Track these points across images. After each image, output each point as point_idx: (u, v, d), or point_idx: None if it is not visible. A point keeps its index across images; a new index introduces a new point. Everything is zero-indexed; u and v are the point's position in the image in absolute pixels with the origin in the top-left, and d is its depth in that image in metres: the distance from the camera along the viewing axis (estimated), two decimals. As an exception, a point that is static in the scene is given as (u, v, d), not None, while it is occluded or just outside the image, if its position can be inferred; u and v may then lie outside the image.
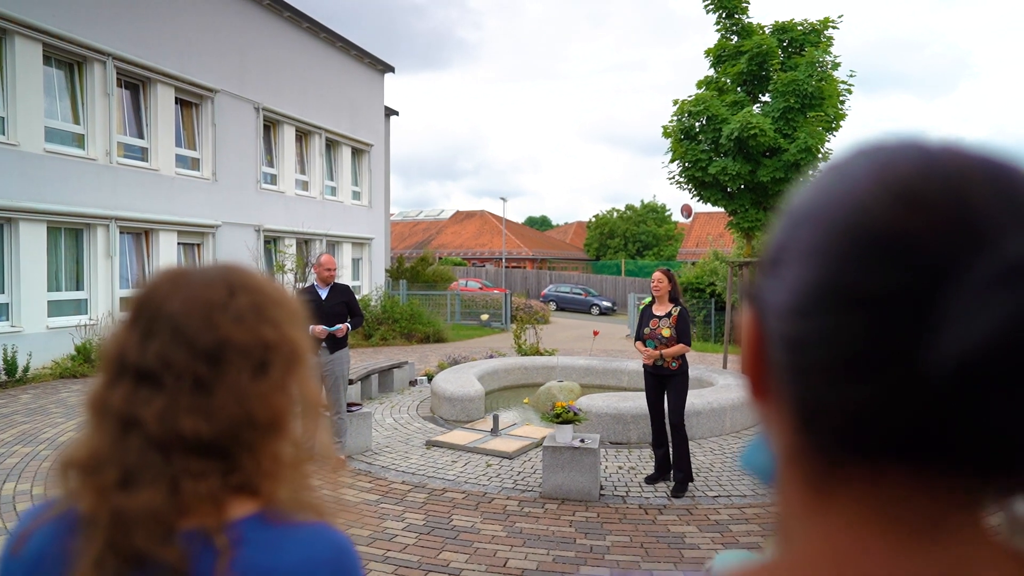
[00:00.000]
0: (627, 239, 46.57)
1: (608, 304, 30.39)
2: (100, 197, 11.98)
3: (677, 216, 43.90)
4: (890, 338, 0.34)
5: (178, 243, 13.80)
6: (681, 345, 5.36)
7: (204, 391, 0.72)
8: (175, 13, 13.51)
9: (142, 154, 13.17)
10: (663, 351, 5.36)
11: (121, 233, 12.63)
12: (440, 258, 35.50)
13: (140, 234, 13.21)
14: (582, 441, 5.39)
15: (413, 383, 10.05)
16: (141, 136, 13.19)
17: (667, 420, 5.50)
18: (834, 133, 9.61)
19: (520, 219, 72.01)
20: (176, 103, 13.89)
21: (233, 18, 15.09)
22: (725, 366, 10.43)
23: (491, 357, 11.15)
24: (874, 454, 0.36)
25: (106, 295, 12.16)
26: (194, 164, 14.48)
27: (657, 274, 5.60)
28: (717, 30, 10.27)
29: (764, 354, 0.41)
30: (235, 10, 15.14)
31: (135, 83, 13.09)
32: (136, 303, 0.78)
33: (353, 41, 19.32)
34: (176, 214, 13.56)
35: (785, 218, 0.41)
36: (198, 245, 14.52)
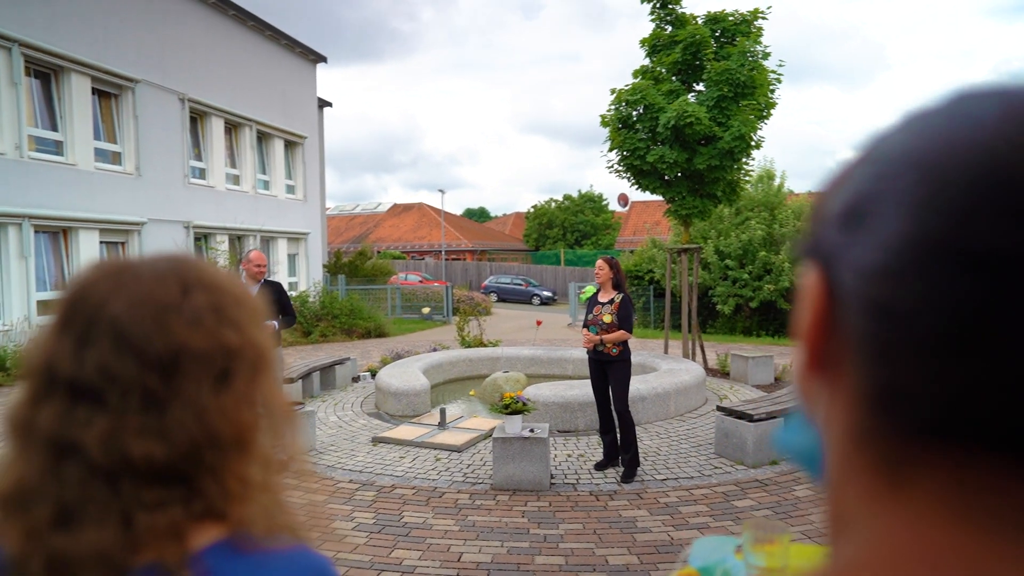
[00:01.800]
0: (566, 229, 46.97)
1: (549, 294, 30.62)
2: (10, 194, 11.23)
3: (614, 205, 44.56)
4: (1016, 307, 0.29)
5: (100, 242, 13.09)
6: (621, 332, 5.41)
7: (156, 408, 0.62)
8: (89, -2, 12.76)
9: (57, 148, 12.42)
10: (603, 336, 5.42)
11: (36, 232, 11.90)
12: (379, 252, 35.00)
13: (57, 233, 12.47)
14: (531, 431, 5.38)
15: (356, 379, 9.85)
16: (55, 129, 12.43)
17: (612, 408, 5.55)
18: (765, 121, 9.86)
19: (459, 211, 71.74)
20: (93, 94, 13.14)
21: (153, 4, 14.36)
22: (667, 351, 10.63)
23: (435, 350, 11.04)
24: (973, 440, 0.31)
25: (21, 299, 11.43)
26: (115, 158, 13.75)
27: (599, 262, 5.68)
28: (652, 20, 10.38)
29: (833, 322, 0.36)
30: (155, -4, 14.42)
31: (46, 72, 12.31)
32: (67, 303, 0.65)
33: (283, 30, 18.71)
34: (97, 211, 12.86)
35: (870, 163, 0.35)
36: (122, 244, 13.82)
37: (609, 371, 5.51)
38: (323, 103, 22.79)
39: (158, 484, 0.61)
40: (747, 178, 10.61)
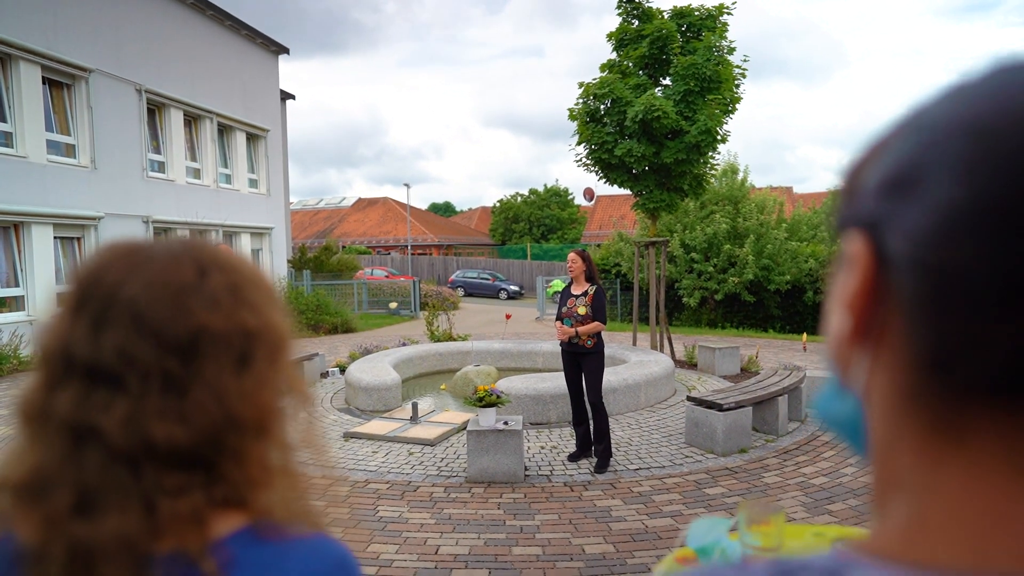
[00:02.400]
0: (532, 223, 47.05)
1: (516, 288, 30.62)
2: (-41, 187, 10.79)
3: (580, 200, 44.74)
4: None
5: (54, 237, 12.66)
6: (596, 323, 5.46)
7: (177, 391, 0.60)
8: (39, -16, 12.30)
9: (6, 139, 11.96)
10: (578, 328, 5.45)
11: (-14, 227, 11.46)
12: (344, 247, 34.58)
13: (8, 227, 12.02)
14: (505, 423, 5.38)
15: (324, 375, 9.73)
16: (4, 119, 11.96)
17: (586, 399, 5.59)
18: (731, 116, 10.00)
19: (424, 206, 71.28)
20: (44, 83, 12.67)
21: (107, -8, 13.90)
22: (635, 343, 10.73)
23: (404, 345, 10.96)
24: None
25: (-28, 296, 11.00)
26: (69, 151, 13.30)
27: (571, 255, 5.72)
28: (619, 14, 10.43)
29: (880, 287, 0.36)
30: (109, -17, 13.96)
31: (-5, 61, 11.84)
32: (80, 286, 0.64)
33: (243, 20, 18.30)
34: (50, 205, 12.42)
35: (914, 132, 0.36)
36: (78, 239, 13.39)
37: (583, 363, 5.54)
38: (285, 95, 22.40)
39: (179, 469, 0.60)
40: (713, 172, 10.75)
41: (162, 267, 0.64)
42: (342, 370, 9.60)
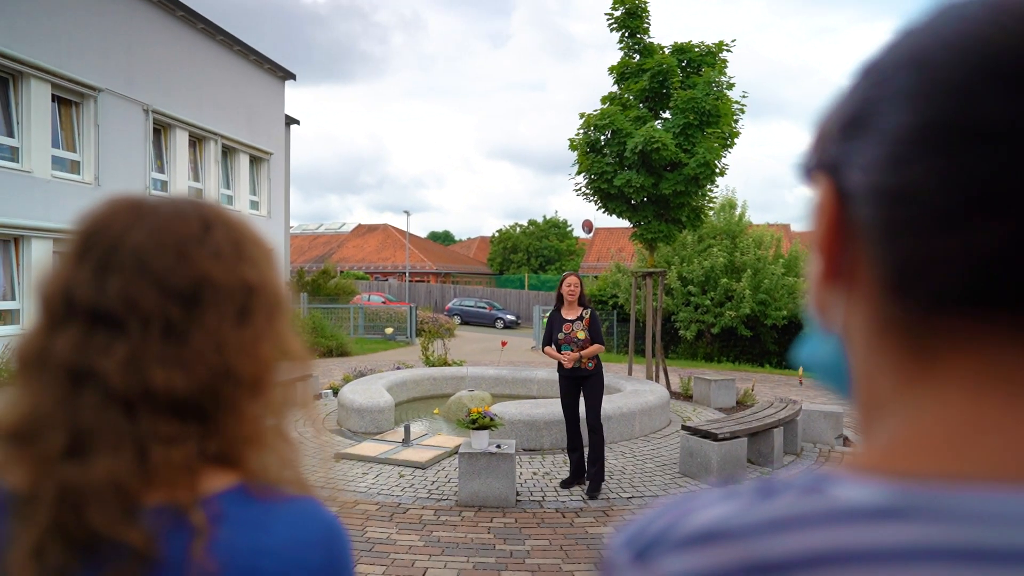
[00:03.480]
0: (530, 254, 47.20)
1: (512, 318, 30.61)
2: (-39, 200, 10.83)
3: (579, 231, 44.98)
4: None
5: (54, 252, 12.68)
6: (597, 345, 5.49)
7: (177, 338, 0.61)
8: (55, 5, 12.52)
9: (12, 154, 12.05)
10: (581, 353, 5.44)
11: (-14, 240, 11.48)
12: (342, 271, 34.62)
13: (8, 241, 12.06)
14: (498, 447, 5.34)
15: (318, 396, 9.66)
16: (11, 135, 12.07)
17: (584, 423, 5.57)
18: (729, 150, 10.13)
19: (423, 234, 71.57)
20: (53, 100, 12.82)
21: (119, 14, 14.14)
22: (630, 373, 10.70)
23: (398, 368, 10.92)
24: (1000, 306, 0.33)
25: (-33, 308, 10.97)
26: (74, 167, 13.40)
27: (572, 278, 5.71)
28: (620, 48, 10.62)
29: (844, 224, 0.38)
30: (122, 6, 14.20)
31: (4, 77, 11.98)
32: (83, 234, 0.65)
33: (252, 46, 18.60)
34: (52, 220, 12.45)
35: (863, 78, 0.39)
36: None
37: (584, 386, 5.55)
38: (290, 120, 22.63)
39: (175, 418, 0.60)
40: (711, 204, 10.84)
41: (167, 218, 0.65)
42: (335, 392, 9.54)
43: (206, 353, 0.61)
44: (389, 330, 19.93)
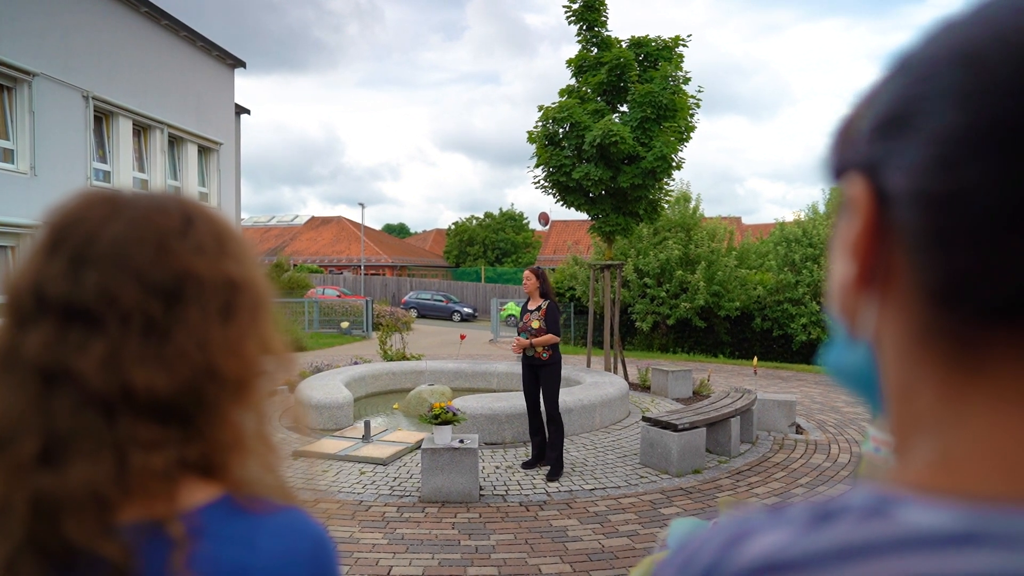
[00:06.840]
0: (486, 246, 47.13)
1: (469, 311, 30.52)
2: None
3: (535, 224, 45.12)
4: None
5: (-12, 245, 12.08)
6: (550, 335, 5.70)
7: (158, 335, 0.57)
8: (-17, -17, 11.86)
9: (-60, 142, 11.40)
10: (532, 340, 5.70)
11: (-87, 233, 10.84)
12: (295, 265, 33.98)
13: (-62, 234, 11.42)
14: (461, 442, 5.30)
15: (272, 393, 9.44)
16: (-61, 121, 11.41)
17: (543, 412, 5.75)
18: (685, 143, 10.25)
19: (378, 226, 70.69)
20: (-16, 86, 12.18)
21: (56, -5, 13.49)
22: (589, 365, 10.77)
23: (356, 363, 10.75)
24: None
25: None
26: (7, 156, 12.75)
27: (526, 272, 6.00)
28: (578, 41, 10.61)
29: (882, 228, 0.36)
30: (59, -14, 13.55)
31: (-69, 60, 11.32)
32: (55, 226, 0.60)
33: (200, 32, 17.99)
34: (-15, 212, 11.86)
35: (902, 74, 0.36)
36: (13, 248, 12.79)
37: (540, 374, 5.77)
38: (241, 110, 22.02)
39: (155, 421, 0.56)
40: (667, 198, 10.96)
41: (147, 211, 0.61)
42: (291, 388, 9.34)
43: (189, 352, 0.58)
44: (345, 324, 19.63)
